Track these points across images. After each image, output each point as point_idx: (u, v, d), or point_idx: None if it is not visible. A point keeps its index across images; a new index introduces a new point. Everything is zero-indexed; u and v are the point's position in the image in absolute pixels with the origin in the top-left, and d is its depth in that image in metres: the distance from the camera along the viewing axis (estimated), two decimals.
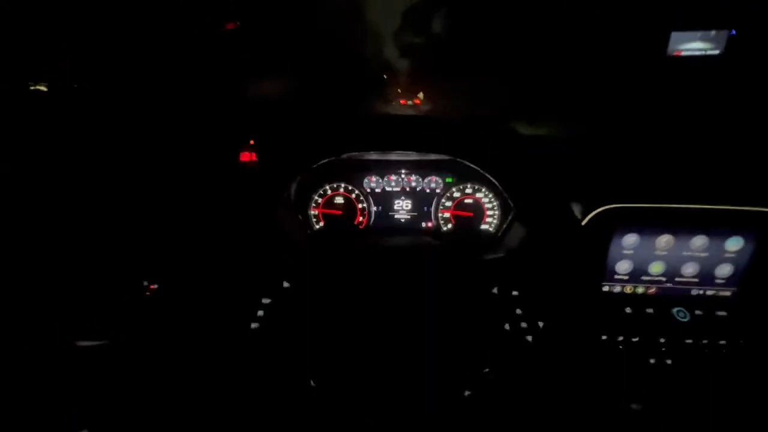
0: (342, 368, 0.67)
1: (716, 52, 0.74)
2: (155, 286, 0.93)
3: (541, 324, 0.64)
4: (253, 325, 0.67)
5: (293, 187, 1.12)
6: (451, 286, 0.63)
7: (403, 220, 1.17)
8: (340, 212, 1.15)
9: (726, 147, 0.84)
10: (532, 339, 0.63)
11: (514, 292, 0.65)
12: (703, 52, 0.74)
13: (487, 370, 0.61)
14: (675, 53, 0.75)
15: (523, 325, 0.63)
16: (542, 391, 0.78)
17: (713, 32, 0.72)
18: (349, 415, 0.65)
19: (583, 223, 0.85)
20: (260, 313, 0.68)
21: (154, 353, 0.88)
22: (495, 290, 0.64)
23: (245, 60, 1.17)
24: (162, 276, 0.93)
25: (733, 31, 0.71)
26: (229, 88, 1.19)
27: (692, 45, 0.74)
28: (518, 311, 0.64)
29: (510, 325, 0.63)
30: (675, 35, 0.74)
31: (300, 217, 1.16)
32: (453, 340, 0.62)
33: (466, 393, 0.60)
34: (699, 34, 0.73)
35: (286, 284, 0.68)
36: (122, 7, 1.20)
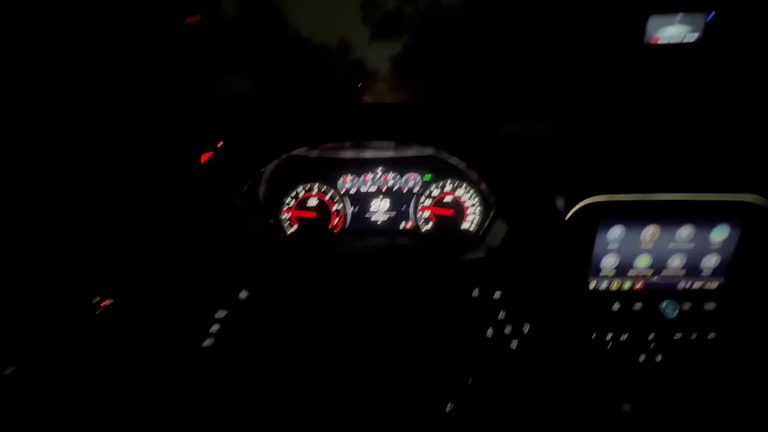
0: (316, 380, 0.61)
1: (693, 38, 0.72)
2: (108, 302, 0.85)
3: (526, 328, 0.59)
4: (206, 343, 0.61)
5: (262, 190, 1.06)
6: (430, 292, 0.58)
7: (380, 222, 1.09)
8: (314, 215, 1.08)
9: (708, 136, 0.83)
10: (517, 345, 0.58)
11: (496, 295, 0.60)
12: (680, 39, 0.72)
13: (470, 380, 0.56)
14: (652, 41, 0.73)
15: (507, 330, 0.59)
16: (530, 396, 0.74)
17: (691, 15, 0.71)
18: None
19: (567, 216, 0.82)
20: (214, 328, 0.61)
21: (108, 377, 0.80)
22: (475, 293, 0.60)
23: (207, 56, 1.11)
24: (117, 290, 0.85)
25: (712, 14, 0.70)
26: (190, 85, 1.12)
27: (669, 31, 0.73)
28: (501, 316, 0.59)
29: (493, 331, 0.58)
30: (652, 21, 0.72)
31: (271, 221, 1.09)
32: (434, 350, 0.57)
33: (449, 407, 0.56)
34: (677, 17, 0.71)
35: (243, 295, 0.62)
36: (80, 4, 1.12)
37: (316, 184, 1.08)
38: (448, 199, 1.06)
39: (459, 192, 1.05)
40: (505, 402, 0.59)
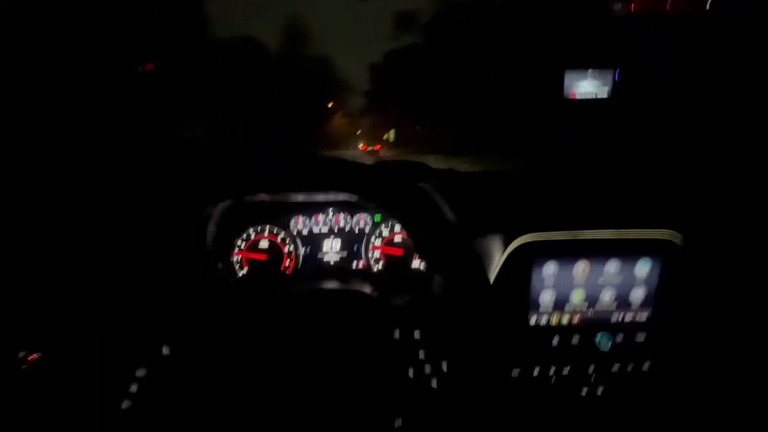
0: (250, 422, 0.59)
1: (605, 92, 0.82)
2: (36, 356, 0.80)
3: (444, 366, 0.61)
4: (125, 405, 0.58)
5: (211, 232, 1.05)
6: (357, 334, 0.59)
7: (332, 262, 1.10)
8: (265, 256, 1.07)
9: (627, 175, 0.91)
10: (437, 384, 0.59)
11: (416, 335, 0.62)
12: (594, 95, 0.82)
13: (398, 422, 0.56)
14: (571, 95, 0.82)
15: (427, 370, 0.60)
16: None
17: (599, 71, 0.80)
18: None
19: (504, 255, 0.87)
20: (134, 388, 0.58)
21: None
22: (396, 335, 0.61)
23: (161, 101, 1.13)
24: (47, 343, 0.81)
25: (617, 72, 0.80)
26: (145, 130, 1.13)
27: (584, 87, 0.82)
28: (421, 356, 0.61)
29: (414, 371, 0.59)
30: (568, 76, 0.81)
31: (220, 265, 1.08)
32: (361, 392, 0.57)
33: None
34: (588, 73, 0.80)
35: (165, 351, 0.60)
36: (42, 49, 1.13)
37: (268, 226, 1.08)
38: (397, 239, 1.09)
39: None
40: None
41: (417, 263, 1.08)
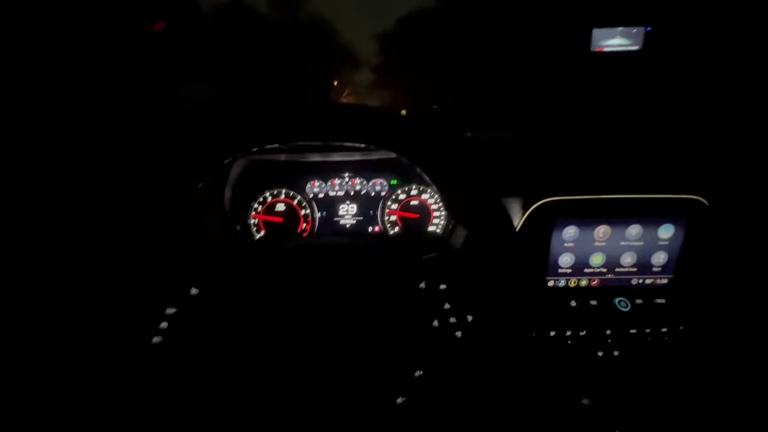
0: (270, 376, 0.61)
1: (635, 47, 0.78)
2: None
3: (470, 318, 0.61)
4: (155, 339, 0.59)
5: (228, 194, 1.06)
6: (379, 289, 0.59)
7: (348, 226, 1.10)
8: (282, 219, 1.08)
9: (654, 138, 0.88)
10: (461, 335, 0.60)
11: (442, 287, 0.62)
12: (623, 48, 0.78)
13: (419, 372, 0.57)
14: (598, 49, 0.79)
15: (452, 320, 0.60)
16: (483, 390, 0.75)
17: (632, 29, 0.77)
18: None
19: (524, 217, 0.86)
20: (164, 324, 0.60)
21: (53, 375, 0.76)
22: (422, 285, 0.61)
23: (172, 63, 1.11)
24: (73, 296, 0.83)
25: (649, 28, 0.76)
26: (153, 93, 1.12)
27: (613, 41, 0.79)
28: (446, 306, 0.61)
29: (439, 322, 0.59)
30: (597, 33, 0.78)
31: (238, 227, 1.09)
32: (382, 343, 0.58)
33: (399, 400, 0.56)
34: (619, 30, 0.77)
35: (194, 292, 0.61)
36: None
37: (284, 190, 1.08)
38: (414, 202, 1.08)
39: (424, 196, 1.08)
40: (459, 394, 0.60)
41: (433, 227, 1.08)
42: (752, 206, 0.82)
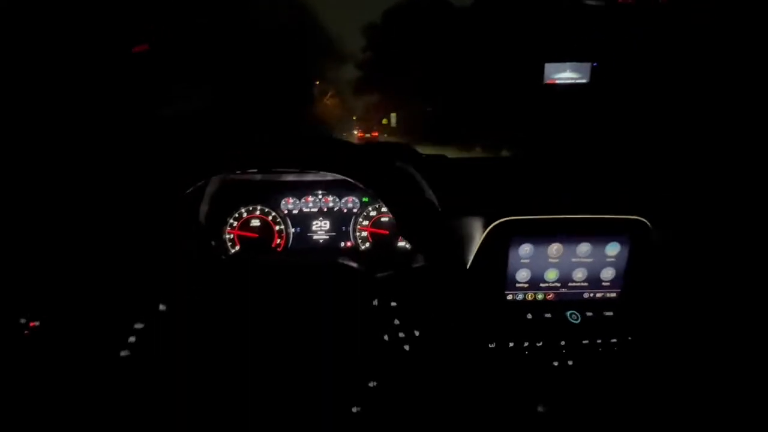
0: (230, 385, 0.63)
1: (583, 80, 0.86)
2: (36, 324, 0.83)
3: (417, 333, 0.65)
4: (123, 353, 0.62)
5: (203, 210, 1.09)
6: (337, 304, 0.63)
7: (321, 241, 1.13)
8: (257, 235, 1.10)
9: (601, 163, 0.96)
10: (409, 348, 0.64)
11: (393, 303, 0.66)
12: (573, 80, 0.86)
13: (372, 384, 0.61)
14: (550, 81, 0.86)
15: (401, 335, 0.64)
16: (440, 399, 0.80)
17: (581, 64, 0.84)
18: None
19: (484, 234, 0.92)
20: (132, 339, 0.62)
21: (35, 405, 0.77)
22: (375, 302, 0.65)
23: (157, 80, 1.14)
24: (45, 310, 0.84)
25: (596, 63, 0.84)
26: (138, 107, 1.15)
27: (563, 75, 0.86)
28: (396, 322, 0.65)
29: (389, 336, 0.64)
30: (548, 66, 0.85)
31: (213, 243, 1.12)
32: (337, 355, 0.62)
33: (354, 410, 0.60)
34: (568, 65, 0.84)
35: (162, 308, 0.64)
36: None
37: (259, 206, 1.12)
38: (384, 219, 1.13)
39: None
40: (411, 401, 0.64)
41: (402, 243, 1.13)
42: (689, 226, 0.90)
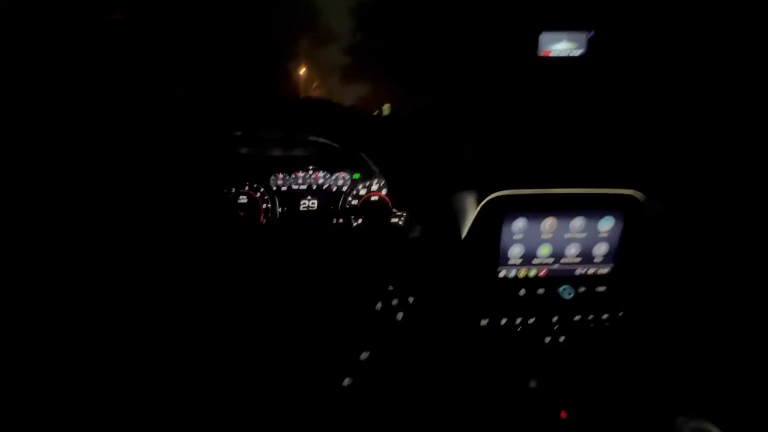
0: (226, 359, 0.62)
1: (579, 52, 0.84)
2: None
3: (411, 299, 0.64)
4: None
5: (183, 187, 1.05)
6: (331, 278, 0.62)
7: (311, 218, 1.11)
8: (242, 213, 1.08)
9: (595, 137, 0.95)
10: (402, 317, 0.63)
11: (390, 287, 0.64)
12: (568, 52, 0.84)
13: (365, 355, 0.60)
14: (544, 53, 0.84)
15: (394, 302, 0.63)
16: (432, 373, 0.79)
17: (575, 33, 0.83)
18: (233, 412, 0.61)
19: (477, 209, 0.90)
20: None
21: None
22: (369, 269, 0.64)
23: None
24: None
25: (592, 33, 0.82)
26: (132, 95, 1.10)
27: (559, 46, 0.84)
28: (390, 288, 0.64)
29: (382, 305, 0.62)
30: (543, 37, 0.83)
31: (200, 219, 1.09)
32: (334, 322, 0.60)
33: (346, 382, 0.59)
34: (564, 35, 0.83)
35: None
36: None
37: (247, 183, 1.10)
38: (375, 198, 1.12)
39: (385, 190, 1.11)
40: (403, 373, 0.63)
41: (395, 219, 1.11)
42: (682, 200, 0.90)
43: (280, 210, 1.09)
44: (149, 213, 0.70)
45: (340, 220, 1.11)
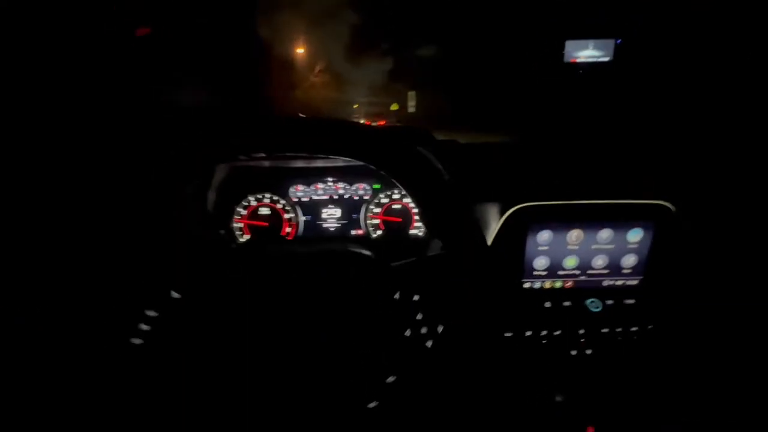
0: (245, 378, 0.62)
1: (606, 58, 0.82)
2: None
3: (440, 328, 0.63)
4: (136, 341, 0.61)
5: (211, 199, 1.07)
6: (353, 295, 0.61)
7: (332, 229, 1.10)
8: (266, 224, 1.08)
9: (623, 145, 0.92)
10: (432, 344, 0.62)
11: (415, 297, 0.64)
12: (595, 59, 0.82)
13: (391, 379, 0.59)
14: (571, 60, 0.82)
15: (423, 330, 0.62)
16: (458, 389, 0.78)
17: (603, 41, 0.80)
18: None
19: (501, 221, 0.89)
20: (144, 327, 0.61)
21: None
22: (397, 296, 0.63)
23: (156, 68, 1.11)
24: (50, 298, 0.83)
25: (619, 40, 0.80)
26: (140, 97, 1.12)
27: (585, 53, 0.82)
28: (419, 316, 0.63)
29: (411, 331, 0.62)
30: (569, 44, 0.81)
31: (222, 231, 1.10)
32: (354, 349, 0.60)
33: (371, 405, 0.58)
34: (591, 42, 0.80)
35: (175, 295, 0.63)
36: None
37: (268, 194, 1.10)
38: (396, 206, 1.10)
39: (407, 200, 1.10)
40: (429, 395, 0.62)
41: (415, 231, 1.10)
42: (714, 211, 0.87)
43: (303, 219, 1.09)
44: (155, 219, 0.71)
45: (359, 232, 1.11)
